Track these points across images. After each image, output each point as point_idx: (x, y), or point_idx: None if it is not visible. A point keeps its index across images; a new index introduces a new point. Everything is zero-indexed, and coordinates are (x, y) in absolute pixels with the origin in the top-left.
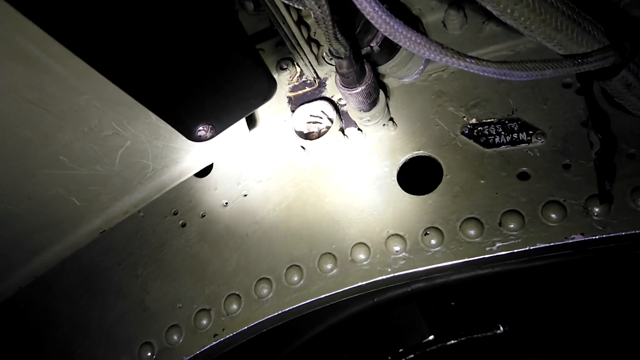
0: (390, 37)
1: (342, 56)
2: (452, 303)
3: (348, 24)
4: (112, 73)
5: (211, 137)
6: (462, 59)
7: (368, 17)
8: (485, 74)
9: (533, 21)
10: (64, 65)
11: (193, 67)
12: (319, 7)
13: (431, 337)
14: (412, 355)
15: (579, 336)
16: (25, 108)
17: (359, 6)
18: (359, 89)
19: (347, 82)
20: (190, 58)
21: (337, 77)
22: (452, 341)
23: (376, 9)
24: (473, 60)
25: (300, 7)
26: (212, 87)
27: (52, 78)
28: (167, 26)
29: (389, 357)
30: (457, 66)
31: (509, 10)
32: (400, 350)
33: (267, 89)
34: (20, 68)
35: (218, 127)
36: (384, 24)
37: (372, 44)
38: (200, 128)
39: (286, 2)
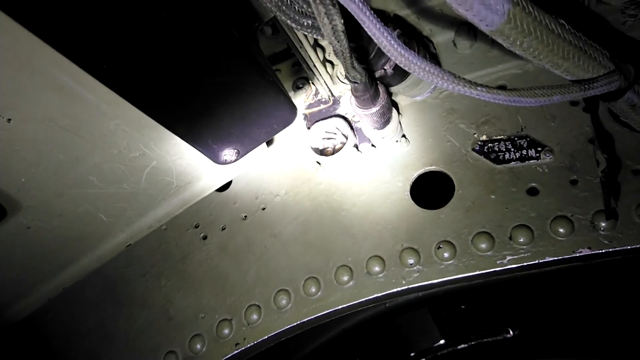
0: (406, 68)
1: (358, 82)
2: (463, 307)
3: (362, 49)
4: (147, 108)
5: (235, 160)
6: (473, 87)
7: (384, 50)
8: (497, 101)
9: (541, 52)
10: (95, 93)
11: (220, 98)
12: (338, 42)
13: (442, 342)
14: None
15: (589, 340)
16: (59, 134)
17: (375, 40)
18: (374, 110)
19: (362, 103)
20: (218, 90)
21: (352, 98)
22: (463, 345)
23: (392, 42)
24: (484, 89)
25: (319, 37)
26: (237, 115)
27: (84, 106)
28: (196, 64)
29: None
30: (469, 94)
31: (518, 43)
32: (412, 354)
33: (289, 115)
34: (55, 98)
35: (242, 150)
36: (399, 55)
37: (385, 67)
38: (226, 152)
39: (306, 33)
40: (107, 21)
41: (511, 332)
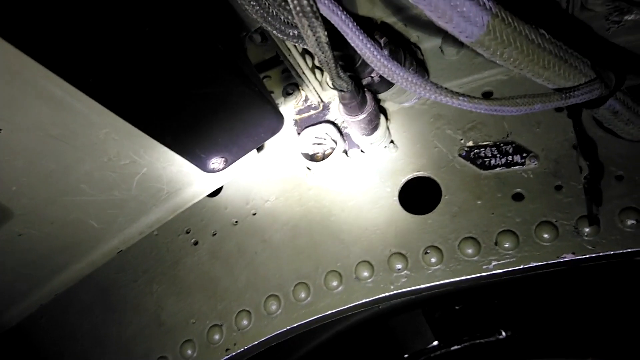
0: (389, 79)
1: (345, 90)
2: (456, 308)
3: (349, 57)
4: (134, 119)
5: (224, 168)
6: (455, 97)
7: (368, 61)
8: (478, 110)
9: (521, 61)
10: (85, 103)
11: (206, 108)
12: (322, 53)
13: (435, 343)
14: None
15: (582, 340)
16: (49, 143)
17: (359, 51)
18: (361, 117)
19: (350, 111)
20: (204, 101)
21: (340, 105)
22: (456, 346)
23: (374, 53)
24: (466, 99)
25: (305, 47)
26: (224, 125)
27: (74, 115)
28: (182, 77)
29: None
30: (451, 104)
31: (498, 53)
32: (405, 356)
33: (275, 124)
34: (45, 108)
35: (230, 159)
36: (382, 66)
37: (372, 75)
38: (214, 161)
39: (292, 42)
40: (92, 36)
41: (504, 333)
